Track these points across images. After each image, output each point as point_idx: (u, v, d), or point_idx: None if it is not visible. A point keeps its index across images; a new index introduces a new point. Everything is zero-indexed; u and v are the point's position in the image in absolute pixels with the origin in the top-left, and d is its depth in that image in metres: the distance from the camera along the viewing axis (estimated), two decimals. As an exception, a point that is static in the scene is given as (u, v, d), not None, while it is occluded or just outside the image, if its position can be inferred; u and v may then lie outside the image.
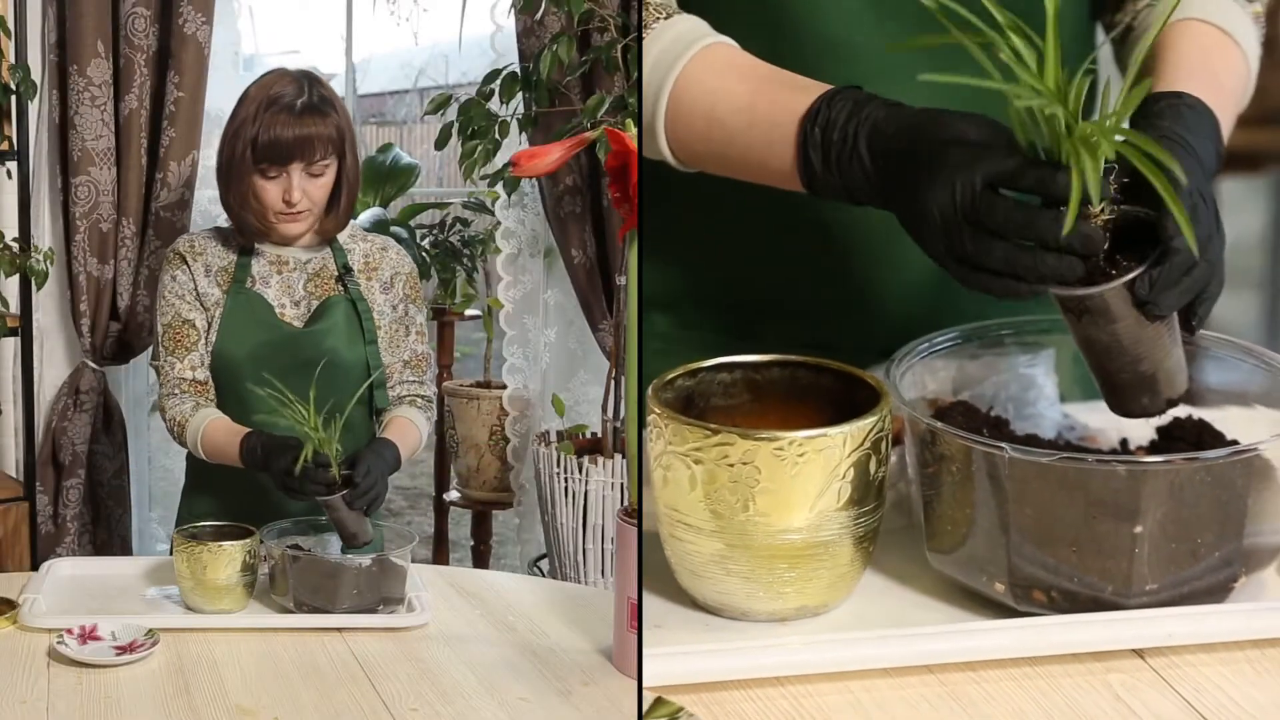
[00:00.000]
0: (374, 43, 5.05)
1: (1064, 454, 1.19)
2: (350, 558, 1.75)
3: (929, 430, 1.26)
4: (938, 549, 1.29)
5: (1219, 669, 1.19)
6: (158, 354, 2.08)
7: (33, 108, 2.89)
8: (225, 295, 2.06)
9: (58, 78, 2.90)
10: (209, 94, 2.93)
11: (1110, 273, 1.15)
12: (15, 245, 2.77)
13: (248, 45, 3.58)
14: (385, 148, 3.81)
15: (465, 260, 3.43)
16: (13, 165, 2.89)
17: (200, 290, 2.07)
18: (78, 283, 2.93)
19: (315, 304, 2.08)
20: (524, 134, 2.83)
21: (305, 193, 2.02)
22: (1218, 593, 1.23)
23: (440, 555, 3.48)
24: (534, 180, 2.96)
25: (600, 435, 2.84)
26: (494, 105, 2.81)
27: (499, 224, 3.06)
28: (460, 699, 1.49)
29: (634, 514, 1.39)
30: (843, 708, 1.15)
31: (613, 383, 2.79)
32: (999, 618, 1.23)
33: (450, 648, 1.64)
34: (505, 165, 2.80)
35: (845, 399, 1.29)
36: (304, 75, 2.05)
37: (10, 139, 2.88)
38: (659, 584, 1.30)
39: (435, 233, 3.47)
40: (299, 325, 2.07)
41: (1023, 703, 1.15)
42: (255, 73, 2.39)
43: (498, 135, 2.79)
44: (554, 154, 1.54)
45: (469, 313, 3.49)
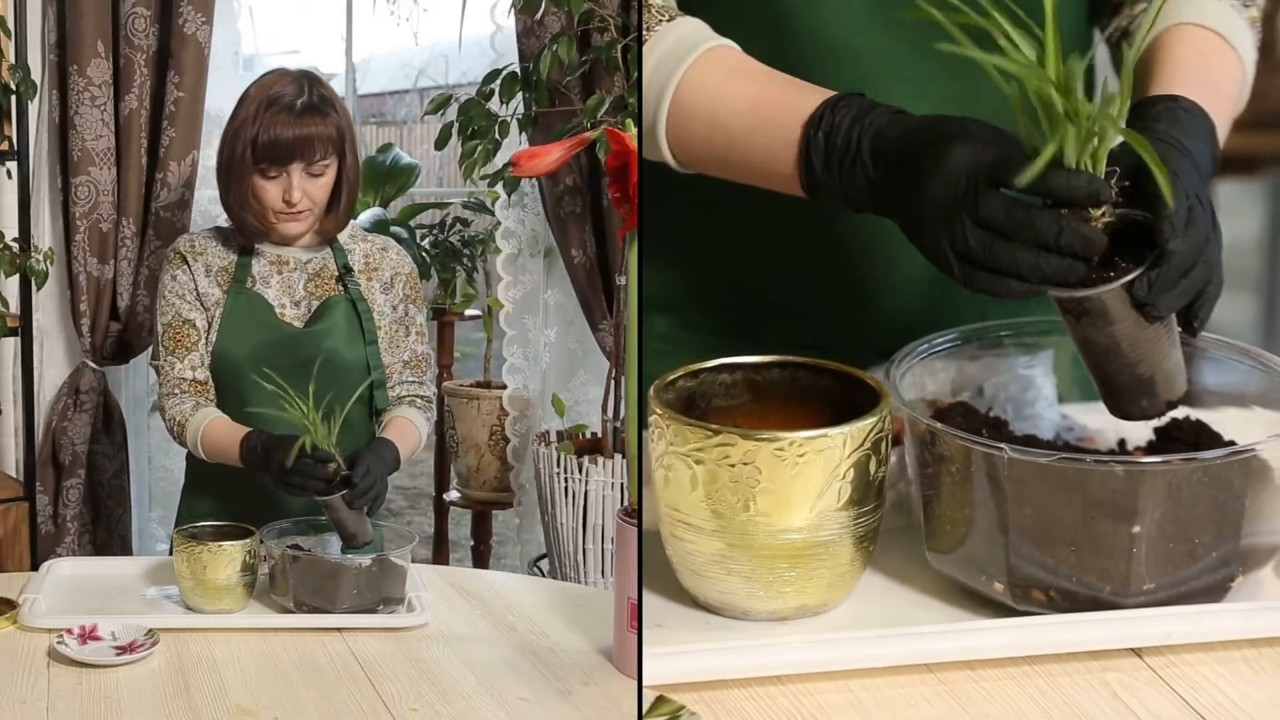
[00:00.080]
0: (374, 43, 5.04)
1: (1062, 454, 1.20)
2: (350, 558, 1.75)
3: (928, 431, 1.26)
4: (937, 549, 1.30)
5: (1216, 668, 1.20)
6: (158, 354, 2.08)
7: (33, 108, 2.89)
8: (225, 295, 2.06)
9: (58, 78, 2.90)
10: (209, 94, 2.93)
11: (1109, 275, 1.16)
12: (15, 245, 2.77)
13: (248, 45, 3.58)
14: (385, 148, 3.81)
15: (465, 260, 3.43)
16: (13, 165, 2.89)
17: (200, 290, 2.07)
18: (78, 283, 2.93)
19: (315, 304, 2.08)
20: (524, 134, 2.83)
21: (305, 193, 2.02)
22: (1215, 592, 1.24)
23: (440, 555, 3.48)
24: (534, 180, 2.96)
25: (600, 435, 2.84)
26: (494, 105, 2.81)
27: (499, 224, 3.06)
28: (460, 699, 1.49)
29: (634, 514, 1.40)
30: (843, 706, 1.15)
31: (613, 383, 2.79)
32: (998, 617, 1.24)
33: (450, 648, 1.64)
34: (505, 165, 2.80)
35: (845, 400, 1.29)
36: (304, 75, 2.05)
37: (10, 139, 2.88)
38: (659, 584, 1.31)
39: (435, 233, 3.46)
40: (299, 325, 2.07)
41: (1021, 702, 1.16)
42: (255, 73, 2.39)
43: (498, 135, 2.79)
44: (554, 154, 1.54)
45: (469, 313, 3.49)
